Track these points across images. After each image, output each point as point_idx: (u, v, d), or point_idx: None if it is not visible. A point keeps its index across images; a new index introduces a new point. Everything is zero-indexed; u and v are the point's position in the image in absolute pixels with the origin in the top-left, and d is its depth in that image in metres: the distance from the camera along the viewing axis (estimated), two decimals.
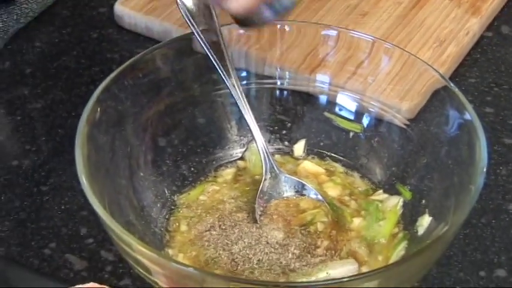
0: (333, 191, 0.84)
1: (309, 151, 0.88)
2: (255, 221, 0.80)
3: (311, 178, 0.85)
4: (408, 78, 0.84)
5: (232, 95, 0.81)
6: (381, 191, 0.84)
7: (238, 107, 0.80)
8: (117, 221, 0.68)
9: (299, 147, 0.88)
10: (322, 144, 0.88)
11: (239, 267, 0.76)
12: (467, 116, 0.76)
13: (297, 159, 0.88)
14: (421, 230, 0.78)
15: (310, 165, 0.86)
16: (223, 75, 0.81)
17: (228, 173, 0.86)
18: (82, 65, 1.00)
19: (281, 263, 0.76)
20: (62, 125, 0.93)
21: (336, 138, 0.87)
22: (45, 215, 0.84)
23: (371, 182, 0.85)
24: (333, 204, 0.82)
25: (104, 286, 0.68)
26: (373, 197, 0.84)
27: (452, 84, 0.79)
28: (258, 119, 0.82)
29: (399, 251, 0.78)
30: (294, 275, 0.75)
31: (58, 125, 0.93)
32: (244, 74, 0.87)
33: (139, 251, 0.66)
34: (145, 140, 0.83)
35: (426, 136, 0.82)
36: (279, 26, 0.86)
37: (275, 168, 0.83)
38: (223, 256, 0.77)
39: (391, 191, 0.83)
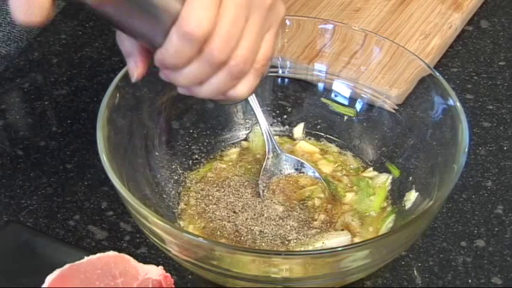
0: (326, 167, 0.84)
1: (307, 133, 0.87)
2: (258, 196, 0.79)
3: (307, 156, 0.84)
4: (397, 67, 0.84)
5: None
6: (371, 168, 0.83)
7: None
8: (134, 196, 0.68)
9: (298, 130, 0.87)
10: (319, 127, 0.87)
11: (242, 238, 0.75)
12: (451, 102, 0.76)
13: (294, 139, 0.87)
14: (408, 205, 0.77)
15: (305, 145, 0.86)
16: None
17: (233, 152, 0.85)
18: (103, 55, 1.00)
19: (281, 234, 0.76)
20: (85, 109, 0.92)
21: (332, 122, 0.87)
22: (69, 190, 0.83)
23: (363, 161, 0.84)
24: (328, 180, 0.81)
25: (123, 254, 0.67)
26: (364, 174, 0.83)
27: (436, 73, 0.78)
28: (261, 104, 0.81)
29: (388, 223, 0.77)
30: (292, 245, 0.75)
31: (81, 110, 0.92)
32: None
33: (154, 223, 0.66)
34: (160, 122, 0.82)
35: (413, 120, 0.81)
36: None
37: (277, 148, 0.82)
38: (228, 227, 0.76)
39: (381, 169, 0.83)
